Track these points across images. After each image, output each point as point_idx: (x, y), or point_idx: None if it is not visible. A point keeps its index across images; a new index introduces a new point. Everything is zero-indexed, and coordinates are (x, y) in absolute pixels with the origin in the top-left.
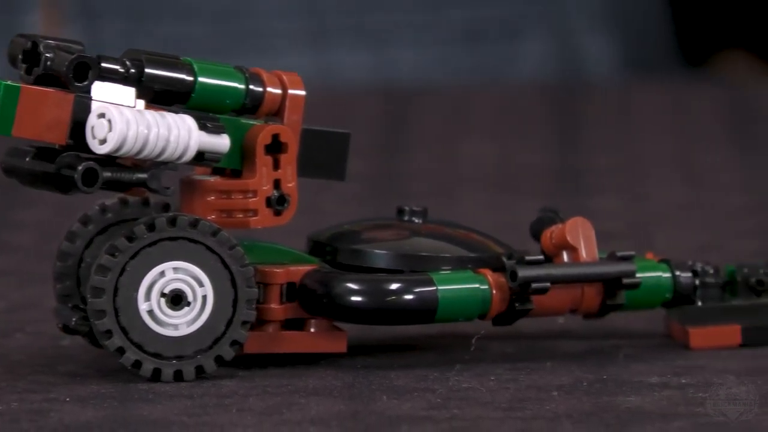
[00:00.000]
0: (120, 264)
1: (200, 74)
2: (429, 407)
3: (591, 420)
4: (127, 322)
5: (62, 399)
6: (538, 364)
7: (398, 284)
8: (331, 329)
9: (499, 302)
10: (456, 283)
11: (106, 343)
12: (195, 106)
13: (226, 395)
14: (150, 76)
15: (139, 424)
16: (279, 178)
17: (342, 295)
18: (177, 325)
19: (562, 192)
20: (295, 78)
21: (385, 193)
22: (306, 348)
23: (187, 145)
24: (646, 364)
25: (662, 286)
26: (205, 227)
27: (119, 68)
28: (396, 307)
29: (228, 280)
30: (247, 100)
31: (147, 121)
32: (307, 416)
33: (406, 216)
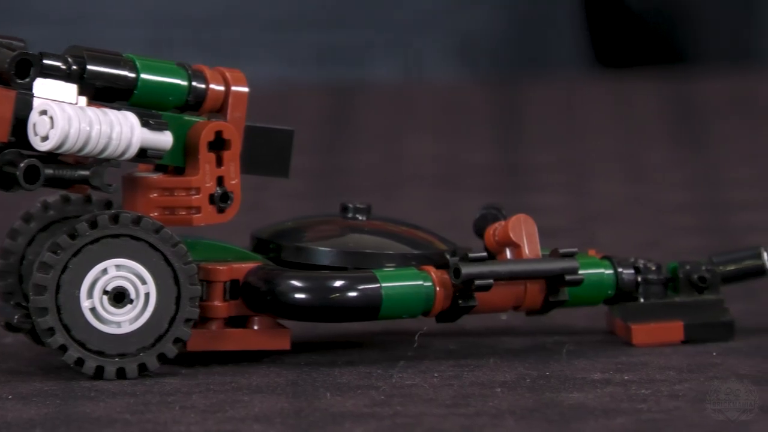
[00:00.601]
0: (62, 261)
1: (143, 71)
2: (372, 404)
3: (534, 416)
4: (69, 320)
5: (4, 397)
6: (481, 361)
7: (342, 282)
8: (274, 327)
9: (443, 299)
10: (399, 280)
11: (49, 341)
12: (138, 103)
13: (169, 393)
14: (92, 73)
15: (82, 422)
16: (222, 175)
17: (285, 292)
18: (120, 323)
19: (505, 189)
20: (239, 75)
21: (327, 190)
22: (250, 345)
23: (130, 142)
24: (588, 361)
25: (605, 283)
26: (147, 224)
27: (61, 65)
28: (340, 305)
29: (171, 278)
30: (190, 97)
31: (89, 118)
32: (250, 413)
33: (350, 213)
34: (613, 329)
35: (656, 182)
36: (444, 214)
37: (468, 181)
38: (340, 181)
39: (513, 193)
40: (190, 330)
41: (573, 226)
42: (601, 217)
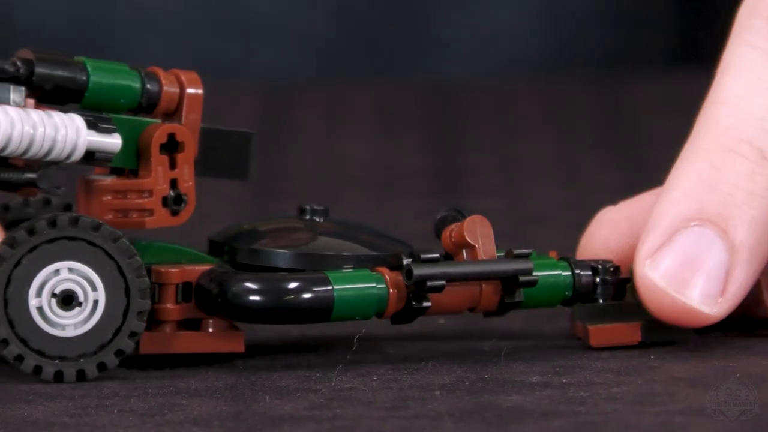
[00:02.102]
0: (16, 256)
1: (93, 73)
2: (312, 407)
3: (473, 418)
4: (15, 315)
5: None
6: (419, 364)
7: (294, 283)
8: (229, 329)
9: (396, 301)
10: (352, 282)
11: None
12: (89, 105)
13: (107, 396)
14: (41, 75)
15: (19, 425)
16: (176, 178)
17: (237, 294)
18: (64, 326)
19: (444, 193)
20: (193, 77)
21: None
22: (203, 348)
23: (75, 145)
24: (526, 364)
25: (561, 284)
26: (106, 232)
27: (8, 68)
28: (292, 307)
29: (122, 289)
30: (143, 99)
31: (33, 120)
32: (189, 416)
33: (307, 215)
34: (575, 332)
35: (592, 185)
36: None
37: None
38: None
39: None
40: (133, 343)
41: (512, 229)
42: (539, 219)
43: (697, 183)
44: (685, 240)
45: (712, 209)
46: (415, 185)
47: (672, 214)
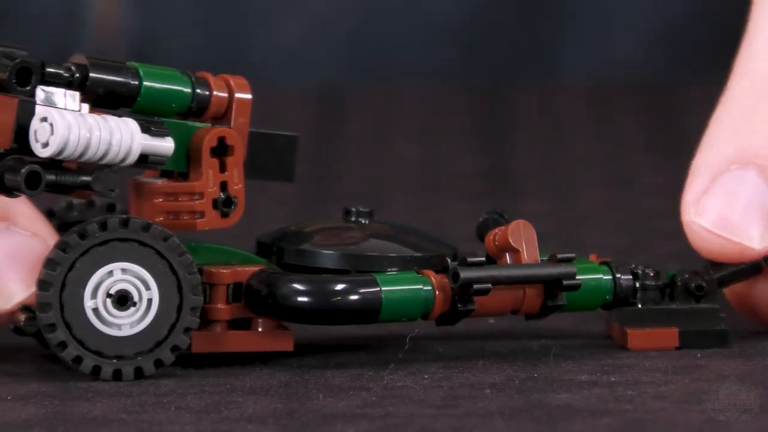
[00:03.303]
0: (70, 260)
1: (145, 78)
2: (364, 405)
3: (522, 416)
4: (71, 318)
5: (3, 397)
6: (470, 363)
7: (342, 285)
8: (277, 328)
9: (442, 303)
10: (399, 284)
11: (49, 336)
12: (141, 110)
13: (165, 394)
14: (94, 81)
15: (79, 422)
16: (226, 181)
17: (287, 295)
18: (120, 326)
19: (493, 194)
20: (242, 81)
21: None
22: (253, 347)
23: (130, 149)
24: (575, 363)
25: (602, 288)
26: (156, 232)
27: (63, 73)
28: (340, 308)
29: (174, 286)
30: (193, 103)
31: (89, 124)
32: (244, 414)
33: (352, 216)
34: (610, 333)
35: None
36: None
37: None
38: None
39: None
40: (188, 339)
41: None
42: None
43: (735, 128)
44: (727, 183)
45: (751, 151)
46: (464, 187)
47: (712, 159)
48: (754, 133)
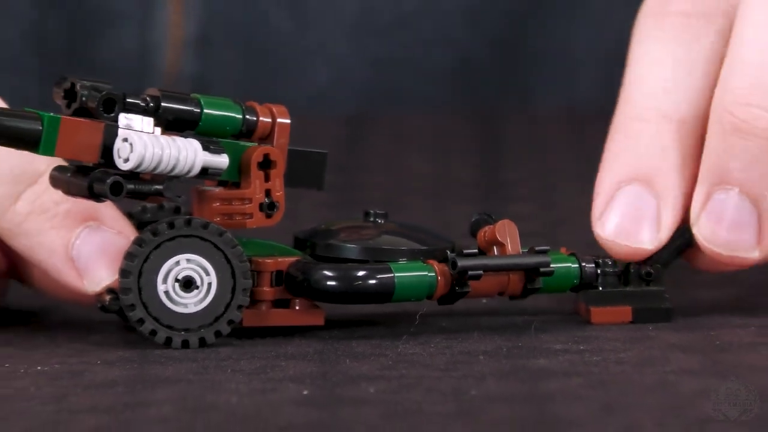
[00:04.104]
0: (145, 253)
1: (206, 107)
2: (382, 368)
3: (509, 377)
4: (147, 299)
5: (94, 362)
6: (467, 335)
7: (363, 272)
8: (311, 307)
9: (443, 286)
10: (409, 271)
11: (130, 315)
12: (202, 132)
13: (223, 359)
14: (165, 109)
15: (154, 381)
16: (269, 189)
17: (318, 280)
18: (187, 305)
19: (487, 200)
20: (283, 109)
21: (345, 200)
22: (291, 322)
23: (193, 163)
24: (551, 335)
25: (571, 275)
26: (213, 229)
27: (140, 102)
28: (361, 290)
29: (229, 272)
30: (244, 127)
31: (161, 144)
32: (286, 375)
33: (371, 217)
34: (578, 311)
35: None
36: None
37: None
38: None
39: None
40: (241, 314)
41: (543, 229)
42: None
43: (621, 150)
44: (619, 199)
45: (637, 169)
46: (462, 194)
47: (608, 180)
48: (636, 152)
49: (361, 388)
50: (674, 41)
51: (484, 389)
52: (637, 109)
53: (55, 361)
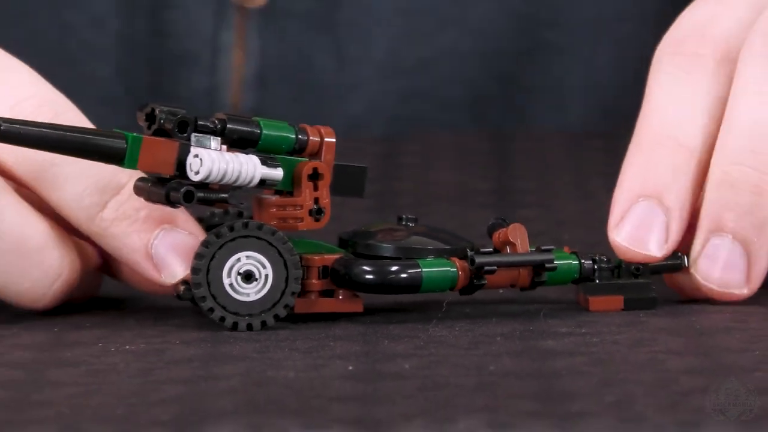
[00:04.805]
0: (211, 252)
1: (264, 128)
2: (415, 348)
3: (522, 356)
4: (215, 291)
5: (174, 342)
6: (487, 320)
7: (396, 267)
8: (352, 296)
9: (464, 279)
10: (435, 266)
11: (201, 304)
12: (261, 149)
13: (281, 340)
14: (230, 130)
15: (225, 358)
16: (318, 197)
17: (358, 274)
18: (248, 294)
19: (500, 206)
20: (329, 130)
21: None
22: (336, 309)
23: (253, 176)
24: (558, 320)
25: (572, 270)
26: (267, 229)
27: (209, 124)
28: (394, 283)
29: (282, 265)
30: (296, 145)
31: (226, 159)
32: (335, 353)
33: (403, 221)
34: (578, 300)
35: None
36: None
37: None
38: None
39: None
40: (294, 299)
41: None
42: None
43: (639, 170)
44: (636, 211)
45: (651, 186)
46: (479, 201)
47: (625, 194)
48: (651, 172)
49: (398, 365)
50: (688, 79)
51: (501, 366)
52: (655, 135)
53: (142, 341)
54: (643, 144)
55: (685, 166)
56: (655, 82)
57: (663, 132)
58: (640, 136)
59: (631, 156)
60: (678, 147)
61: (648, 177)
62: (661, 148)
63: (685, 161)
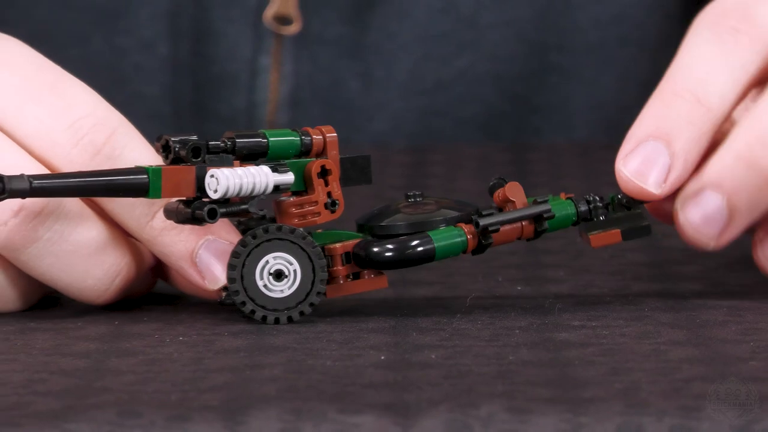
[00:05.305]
0: (246, 252)
1: (271, 138)
2: (441, 339)
3: (538, 347)
4: (248, 287)
5: (222, 333)
6: (506, 314)
7: (411, 242)
8: (377, 274)
9: (473, 242)
10: (445, 235)
11: (236, 299)
12: (271, 158)
13: (319, 332)
14: (240, 145)
15: (267, 348)
16: (330, 191)
17: (378, 253)
18: (280, 290)
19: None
20: (330, 128)
21: None
22: (363, 288)
23: (267, 184)
24: (571, 314)
25: (569, 214)
26: (297, 232)
27: (221, 144)
28: (412, 257)
29: (310, 265)
30: (302, 147)
31: (239, 174)
32: (368, 344)
33: (410, 198)
34: (582, 238)
35: None
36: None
37: None
38: None
39: None
40: (324, 288)
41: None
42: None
43: (656, 113)
44: (644, 148)
45: (663, 130)
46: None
47: (638, 131)
48: (667, 117)
49: (425, 355)
50: (722, 48)
51: (519, 356)
52: (677, 86)
53: (194, 332)
54: (665, 93)
55: (699, 121)
56: (689, 43)
57: (685, 86)
58: (663, 86)
59: (651, 102)
60: (696, 102)
61: (662, 122)
62: (680, 100)
63: (699, 116)
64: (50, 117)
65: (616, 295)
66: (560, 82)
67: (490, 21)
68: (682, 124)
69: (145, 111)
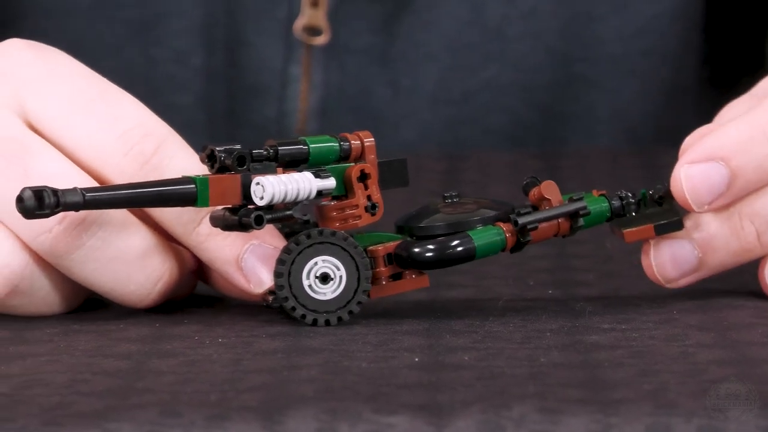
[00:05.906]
0: (292, 257)
1: (311, 145)
2: (474, 342)
3: (568, 349)
4: (296, 291)
5: (261, 335)
6: (537, 317)
7: (451, 242)
8: (418, 274)
9: (511, 240)
10: (484, 235)
11: (285, 304)
12: (312, 164)
13: (355, 334)
14: (283, 153)
15: (305, 350)
16: (369, 194)
17: (419, 253)
18: (326, 293)
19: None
20: (367, 133)
21: None
22: (406, 288)
23: (310, 190)
24: (600, 317)
25: (603, 210)
26: (340, 235)
27: (264, 152)
28: (452, 257)
29: (354, 267)
30: (342, 153)
31: (284, 181)
32: (402, 346)
33: (448, 199)
34: (615, 234)
35: None
36: None
37: None
38: None
39: None
40: (367, 295)
41: None
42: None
43: (740, 139)
44: (709, 166)
45: (737, 162)
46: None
47: (712, 148)
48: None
49: (458, 357)
50: None
51: (551, 358)
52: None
53: (233, 334)
54: (756, 128)
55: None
56: None
57: None
58: (760, 118)
59: (741, 124)
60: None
61: (740, 155)
62: (762, 137)
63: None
64: (100, 127)
65: (644, 297)
66: (584, 91)
67: (517, 32)
68: (755, 163)
69: (179, 121)
